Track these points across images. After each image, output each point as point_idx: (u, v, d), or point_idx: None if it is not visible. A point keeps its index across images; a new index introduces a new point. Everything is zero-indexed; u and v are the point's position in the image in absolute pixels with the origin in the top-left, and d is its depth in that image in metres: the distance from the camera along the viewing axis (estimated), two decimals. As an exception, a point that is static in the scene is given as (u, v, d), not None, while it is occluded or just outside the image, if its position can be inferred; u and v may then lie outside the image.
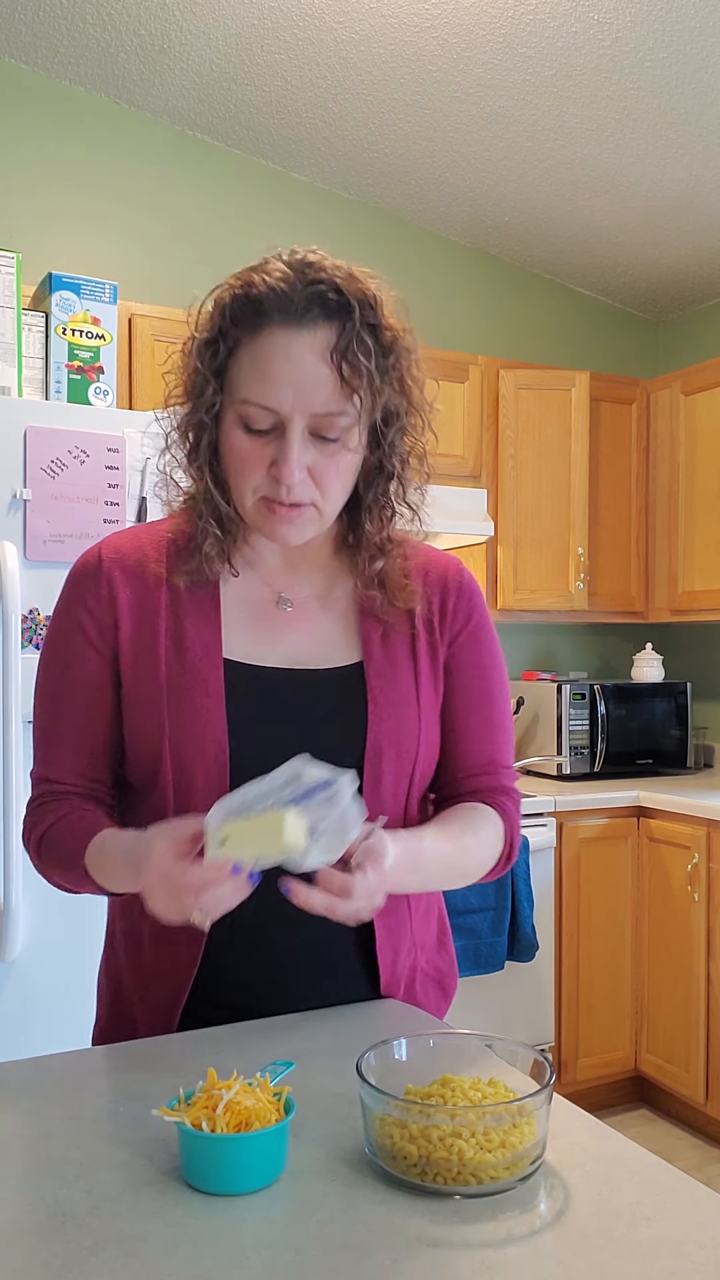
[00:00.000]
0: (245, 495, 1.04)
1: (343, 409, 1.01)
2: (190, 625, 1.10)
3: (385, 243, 3.54)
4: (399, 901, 1.14)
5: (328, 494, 1.04)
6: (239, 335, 1.02)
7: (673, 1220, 0.69)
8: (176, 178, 3.18)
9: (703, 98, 2.76)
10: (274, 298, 1.00)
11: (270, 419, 1.00)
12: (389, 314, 1.07)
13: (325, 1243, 0.66)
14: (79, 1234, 0.67)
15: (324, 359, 0.99)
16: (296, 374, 0.99)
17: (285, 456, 1.00)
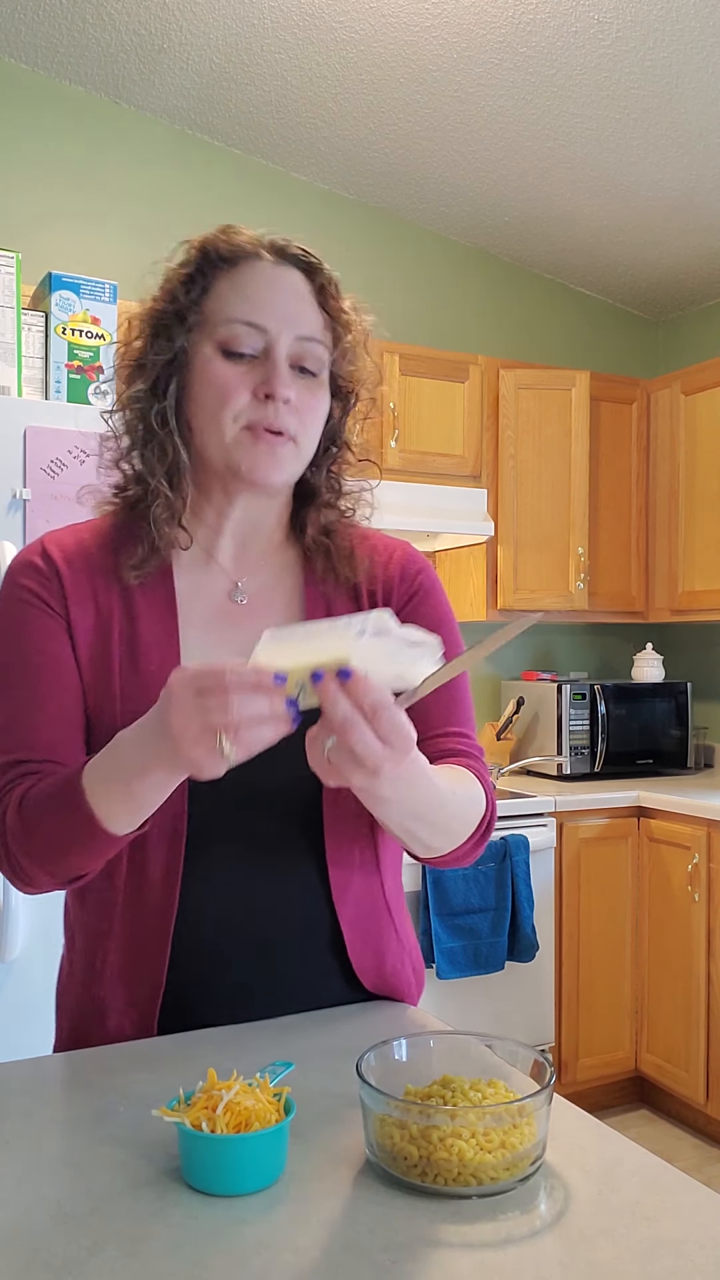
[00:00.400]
0: (225, 426, 1.02)
1: (321, 337, 1.04)
2: (145, 628, 1.05)
3: (385, 243, 3.54)
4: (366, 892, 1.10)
5: (307, 427, 1.04)
6: (219, 267, 1.04)
7: (673, 1220, 0.69)
8: (176, 178, 3.18)
9: (703, 97, 2.76)
10: (251, 244, 1.06)
11: (257, 340, 1.01)
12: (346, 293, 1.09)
13: (325, 1243, 0.66)
14: (79, 1234, 0.67)
15: (305, 286, 1.04)
16: (282, 295, 1.03)
17: (277, 371, 1.01)
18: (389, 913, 1.13)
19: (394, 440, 3.11)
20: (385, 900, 1.13)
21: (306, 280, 1.05)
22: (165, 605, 1.06)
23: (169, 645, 1.04)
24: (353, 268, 3.65)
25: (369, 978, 1.09)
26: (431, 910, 2.71)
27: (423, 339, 3.54)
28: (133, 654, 1.04)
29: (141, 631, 1.05)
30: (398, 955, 1.13)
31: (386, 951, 1.11)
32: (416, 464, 3.16)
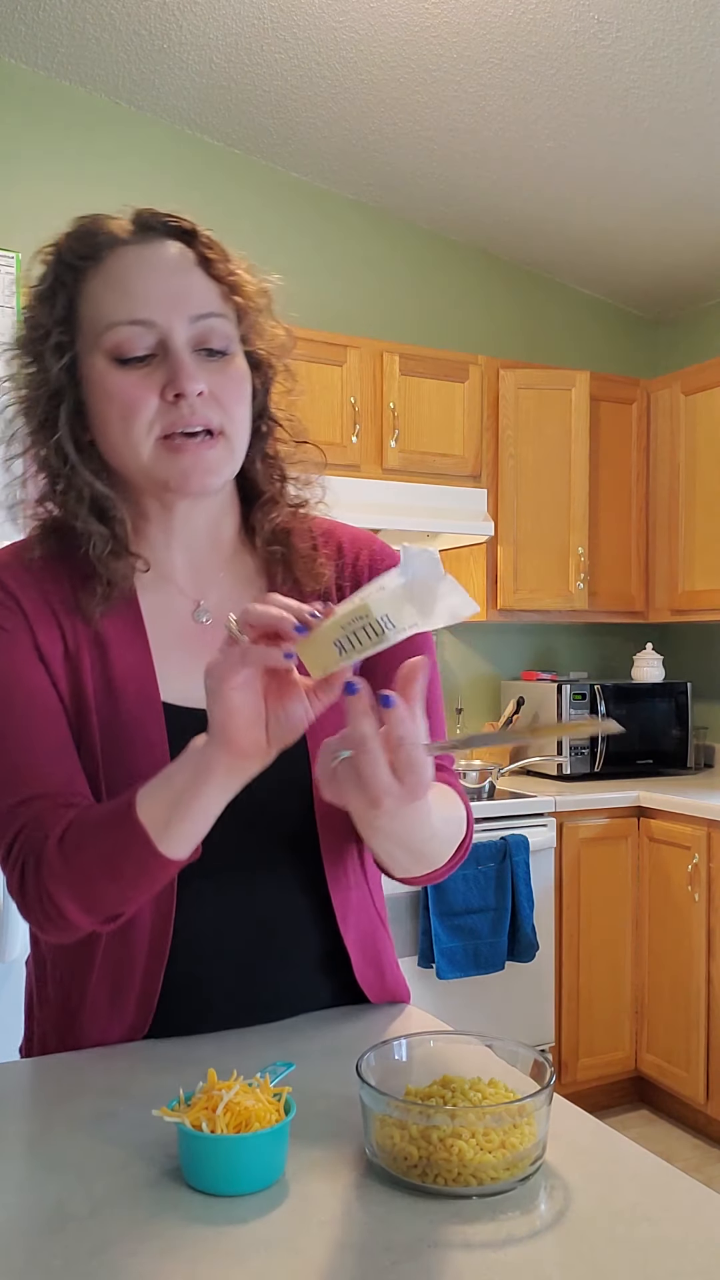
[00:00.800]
0: (140, 442, 0.91)
1: (221, 309, 0.93)
2: (117, 657, 0.96)
3: (386, 242, 3.54)
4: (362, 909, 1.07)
5: (233, 416, 0.93)
6: (83, 268, 0.92)
7: (673, 1221, 0.69)
8: (176, 178, 3.18)
9: (702, 97, 2.76)
10: (112, 228, 0.94)
11: (148, 338, 0.90)
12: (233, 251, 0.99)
13: (325, 1243, 0.66)
14: (79, 1235, 0.67)
15: (186, 257, 0.93)
16: (163, 278, 0.91)
17: (179, 366, 0.89)
18: (381, 921, 1.11)
19: (394, 440, 3.11)
20: (377, 910, 1.11)
21: (186, 249, 0.94)
22: (134, 630, 0.98)
23: (145, 675, 0.97)
24: (353, 268, 3.68)
25: (374, 992, 1.07)
26: (431, 910, 2.71)
27: (423, 339, 3.54)
28: (108, 686, 0.96)
29: (114, 660, 0.97)
30: (392, 960, 1.12)
31: (385, 963, 1.10)
32: (416, 464, 3.16)
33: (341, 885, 1.03)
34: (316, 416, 3.01)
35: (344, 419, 3.05)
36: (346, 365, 3.06)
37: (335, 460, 3.03)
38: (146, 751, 0.94)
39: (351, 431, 3.05)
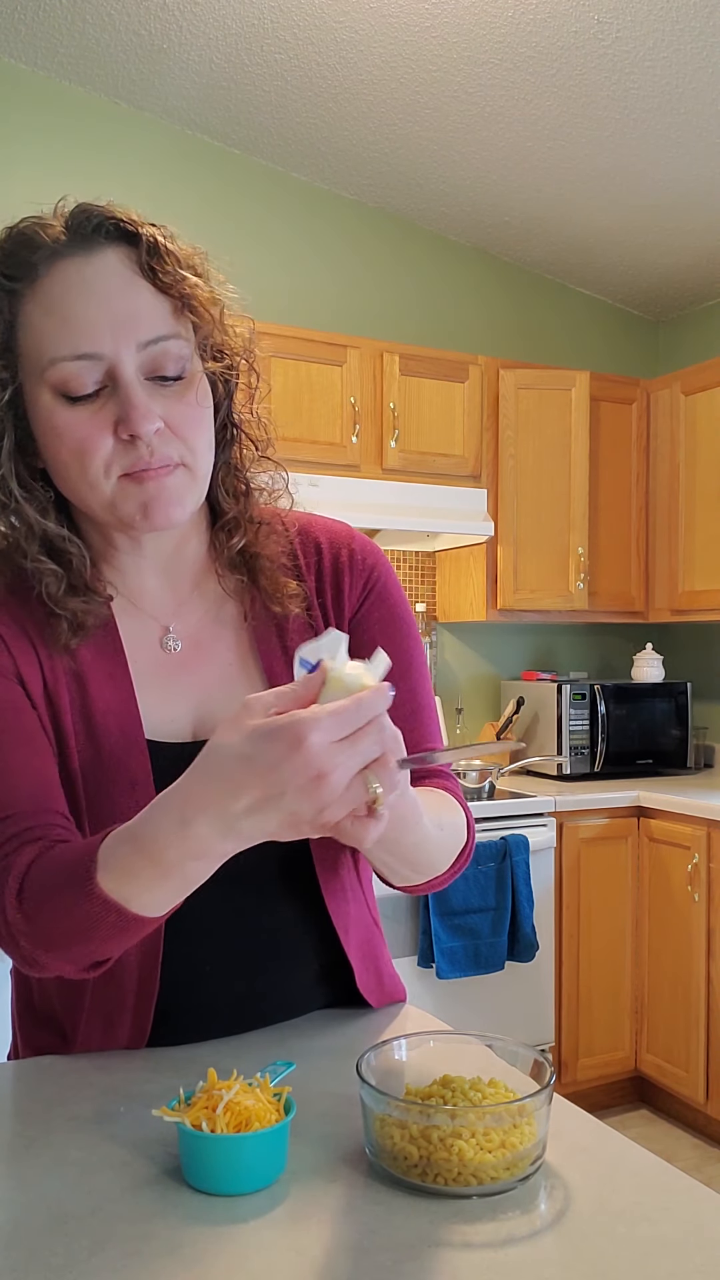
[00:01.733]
0: (98, 482, 0.84)
1: (173, 330, 0.84)
2: (98, 694, 0.91)
3: (386, 242, 3.54)
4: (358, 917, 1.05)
5: (194, 446, 0.86)
6: (17, 290, 0.84)
7: (673, 1220, 0.69)
8: (176, 178, 3.18)
9: (703, 97, 2.76)
10: (47, 236, 0.84)
11: (95, 372, 0.82)
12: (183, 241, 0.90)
13: (325, 1243, 0.66)
14: (79, 1234, 0.67)
15: (131, 271, 0.84)
16: (106, 302, 0.82)
17: (131, 403, 0.82)
18: (376, 925, 1.10)
19: (394, 440, 3.11)
20: (372, 916, 1.09)
21: (129, 258, 0.84)
22: (113, 661, 0.93)
23: (127, 711, 0.92)
24: (353, 268, 3.68)
25: (374, 997, 1.06)
26: (431, 910, 2.71)
27: (423, 339, 3.54)
28: (88, 722, 0.91)
29: (94, 695, 0.92)
30: (388, 961, 1.11)
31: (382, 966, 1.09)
32: (416, 464, 3.16)
33: (339, 898, 1.01)
34: (316, 416, 3.01)
35: (344, 419, 3.05)
36: (346, 365, 3.06)
37: (335, 460, 3.03)
38: (129, 791, 0.90)
39: (351, 431, 3.05)
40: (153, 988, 0.94)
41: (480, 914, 2.78)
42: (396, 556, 3.55)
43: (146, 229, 0.86)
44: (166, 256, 0.85)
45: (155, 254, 0.85)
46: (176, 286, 0.85)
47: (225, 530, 0.97)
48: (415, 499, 3.07)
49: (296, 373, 2.98)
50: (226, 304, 0.91)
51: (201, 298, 0.86)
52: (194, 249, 0.90)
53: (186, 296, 0.85)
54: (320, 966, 1.04)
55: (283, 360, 2.96)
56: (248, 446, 0.98)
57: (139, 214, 0.88)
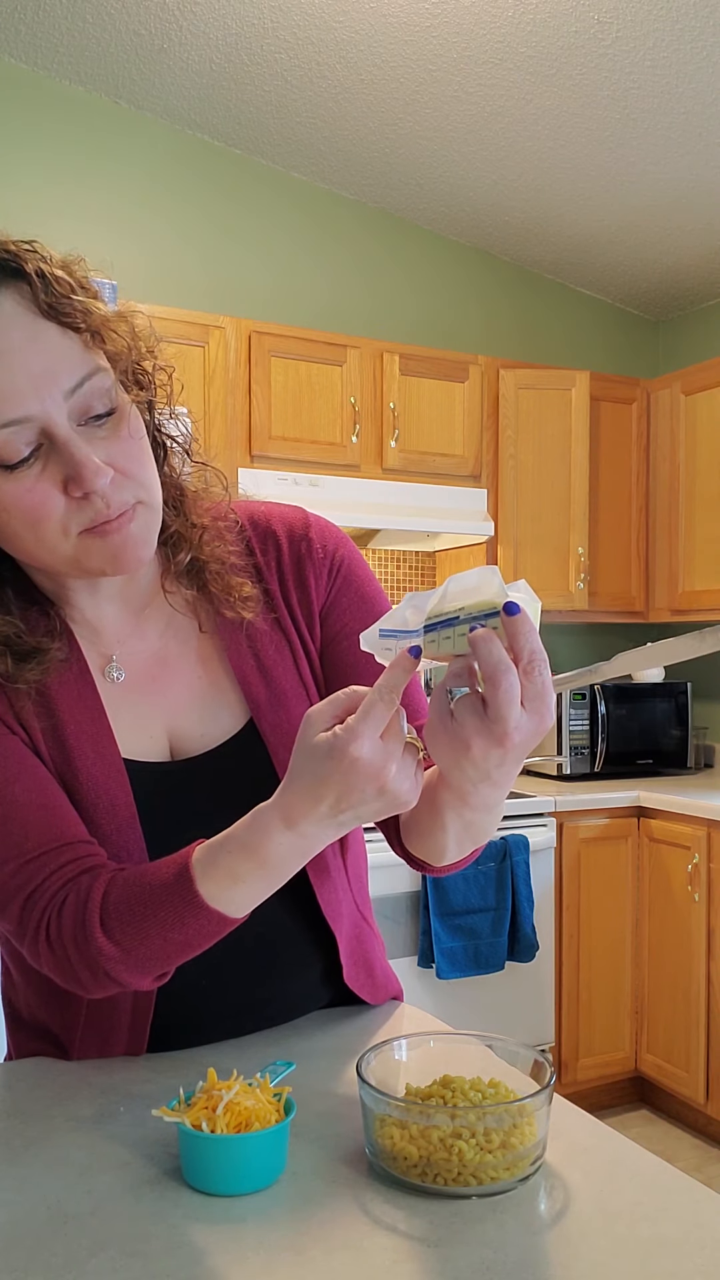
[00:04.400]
0: (59, 546, 0.81)
1: (91, 366, 0.79)
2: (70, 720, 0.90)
3: (385, 242, 3.54)
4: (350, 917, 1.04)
5: (145, 482, 0.83)
6: None
7: (673, 1220, 0.69)
8: (176, 177, 3.18)
9: (702, 97, 2.76)
10: None
11: (25, 434, 0.77)
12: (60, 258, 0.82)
13: (325, 1243, 0.66)
14: (79, 1234, 0.67)
15: (30, 313, 0.77)
16: (20, 358, 0.76)
17: (75, 461, 0.77)
18: (366, 921, 1.09)
19: (394, 440, 3.12)
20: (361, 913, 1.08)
21: (26, 299, 0.77)
22: (81, 685, 0.92)
23: (101, 734, 0.91)
24: (353, 268, 3.68)
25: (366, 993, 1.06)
26: (431, 910, 2.71)
27: (423, 339, 3.54)
28: (62, 747, 0.90)
29: (66, 721, 0.90)
30: (380, 957, 1.11)
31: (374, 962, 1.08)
32: (416, 464, 3.16)
33: (332, 900, 1.00)
34: (316, 416, 3.01)
35: (344, 419, 3.05)
36: (346, 365, 3.06)
37: (335, 460, 3.03)
38: (110, 814, 0.89)
39: (351, 431, 3.05)
40: (149, 1002, 0.94)
41: (480, 914, 2.78)
42: (396, 556, 3.55)
43: (32, 262, 0.78)
44: (60, 285, 0.78)
45: (49, 289, 0.77)
46: (77, 318, 0.78)
47: (170, 544, 0.93)
48: (415, 499, 3.07)
49: (296, 373, 2.98)
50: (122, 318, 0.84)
51: (109, 320, 0.81)
52: (70, 260, 0.83)
53: (94, 327, 0.79)
54: (318, 970, 1.03)
55: (283, 360, 2.96)
56: (176, 454, 0.94)
57: (15, 241, 0.80)
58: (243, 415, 2.91)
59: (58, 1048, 0.98)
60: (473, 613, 0.70)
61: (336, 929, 1.01)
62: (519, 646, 0.68)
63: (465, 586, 0.71)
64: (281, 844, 0.75)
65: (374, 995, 1.07)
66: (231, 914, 0.79)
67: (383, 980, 1.09)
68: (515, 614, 0.68)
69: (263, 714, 0.95)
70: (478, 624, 0.69)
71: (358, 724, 0.70)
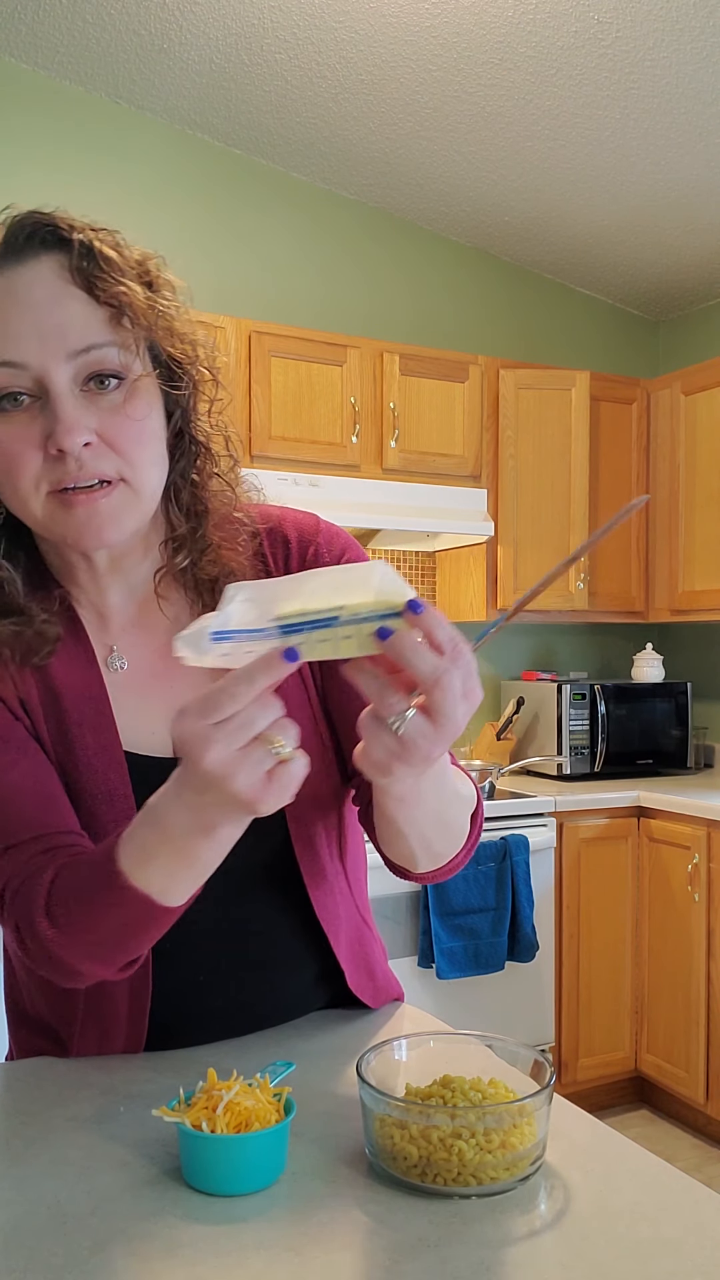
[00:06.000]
0: (28, 498, 0.81)
1: (107, 338, 0.80)
2: (72, 707, 0.90)
3: (385, 243, 3.54)
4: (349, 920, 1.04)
5: (134, 461, 0.82)
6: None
7: (673, 1220, 0.69)
8: (177, 178, 3.18)
9: (702, 97, 2.76)
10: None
11: (23, 380, 0.79)
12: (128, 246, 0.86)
13: (325, 1243, 0.66)
14: (80, 1234, 0.67)
15: (62, 280, 0.80)
16: (33, 312, 0.79)
17: (57, 416, 0.78)
18: (367, 925, 1.09)
19: (394, 440, 3.12)
20: (362, 916, 1.08)
21: (64, 267, 0.81)
22: (88, 674, 0.92)
23: (103, 723, 0.91)
24: (353, 268, 3.67)
25: (368, 997, 1.05)
26: (431, 910, 2.71)
27: (423, 339, 3.54)
28: (63, 735, 0.90)
29: (69, 708, 0.90)
30: (381, 960, 1.10)
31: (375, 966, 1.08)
32: (416, 464, 3.16)
33: (327, 901, 1.00)
34: (316, 416, 3.01)
35: (344, 419, 3.05)
36: (346, 365, 3.06)
37: (335, 460, 3.03)
38: (109, 804, 0.89)
39: (351, 431, 3.05)
40: (145, 998, 0.94)
41: (480, 914, 2.78)
42: (396, 556, 3.55)
43: (84, 235, 0.82)
44: (103, 263, 0.81)
45: (91, 258, 0.81)
46: (111, 293, 0.80)
47: (172, 546, 0.93)
48: (415, 499, 3.07)
49: (296, 373, 2.98)
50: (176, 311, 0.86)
51: (139, 305, 0.82)
52: (145, 255, 0.87)
53: (123, 304, 0.81)
54: (313, 971, 1.03)
55: (283, 360, 2.96)
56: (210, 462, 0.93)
57: (82, 220, 0.85)
58: (242, 415, 2.91)
59: (57, 1043, 0.98)
60: (359, 613, 0.64)
61: (332, 933, 1.00)
62: (440, 640, 0.65)
63: (340, 581, 0.65)
64: (177, 814, 0.72)
65: (375, 999, 1.07)
66: (157, 897, 0.76)
67: (384, 984, 1.09)
68: (422, 612, 0.64)
69: None
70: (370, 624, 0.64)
71: (212, 731, 0.65)
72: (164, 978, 0.94)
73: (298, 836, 0.96)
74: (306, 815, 0.96)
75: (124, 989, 0.94)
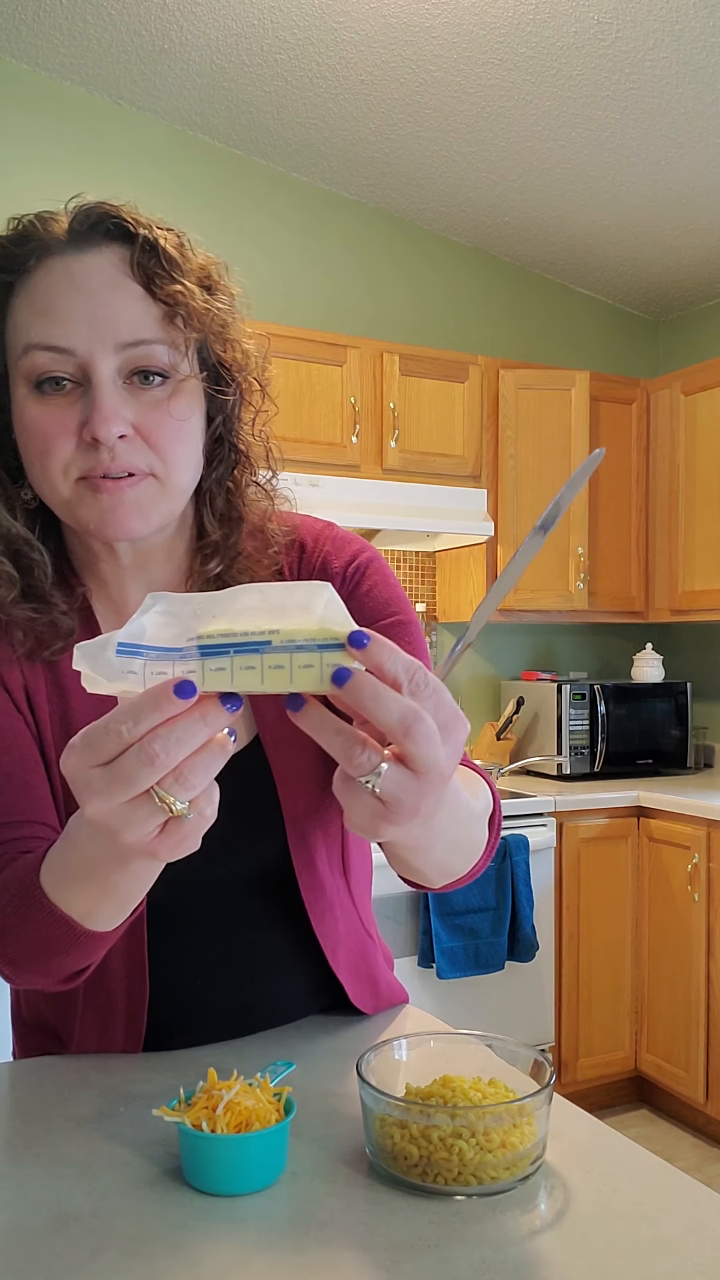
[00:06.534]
0: (56, 481, 0.81)
1: (158, 335, 0.81)
2: (79, 704, 0.89)
3: (386, 243, 3.54)
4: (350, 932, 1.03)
5: (167, 457, 0.82)
6: (10, 282, 0.82)
7: (673, 1220, 0.69)
8: (178, 178, 3.18)
9: (702, 98, 2.76)
10: (47, 231, 0.82)
11: (67, 365, 0.79)
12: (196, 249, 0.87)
13: (325, 1243, 0.66)
14: (80, 1234, 0.67)
15: (122, 272, 0.81)
16: (88, 299, 0.79)
17: (96, 404, 0.78)
18: (368, 935, 1.08)
19: (394, 440, 3.12)
20: (364, 927, 1.07)
21: (125, 260, 0.82)
22: None
23: None
24: (353, 268, 3.67)
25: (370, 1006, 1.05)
26: (431, 910, 2.71)
27: (423, 339, 3.54)
28: (67, 733, 0.89)
29: (74, 704, 0.90)
30: (384, 970, 1.10)
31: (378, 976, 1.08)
32: (416, 464, 3.16)
33: (326, 917, 0.99)
34: (316, 416, 3.01)
35: (344, 419, 3.05)
36: (346, 365, 3.06)
37: (335, 460, 3.03)
38: None
39: (351, 431, 3.05)
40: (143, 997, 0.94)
41: (480, 914, 2.78)
42: (396, 556, 3.55)
43: (149, 231, 0.83)
44: (165, 260, 0.82)
45: (153, 256, 0.82)
46: (168, 291, 0.81)
47: (203, 553, 0.92)
48: (415, 499, 3.07)
49: (296, 373, 2.98)
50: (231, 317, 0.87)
51: (195, 307, 0.82)
52: (209, 259, 0.87)
53: (179, 304, 0.81)
54: (309, 982, 1.03)
55: (283, 360, 2.96)
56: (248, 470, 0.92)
57: (149, 216, 0.85)
58: (243, 415, 2.91)
59: (57, 1041, 0.99)
60: (295, 640, 0.55)
61: (330, 949, 0.99)
62: (394, 674, 0.55)
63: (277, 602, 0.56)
64: (87, 841, 0.66)
65: (377, 1008, 1.06)
66: (79, 919, 0.73)
67: (386, 994, 1.08)
68: (366, 645, 0.54)
69: (267, 728, 0.94)
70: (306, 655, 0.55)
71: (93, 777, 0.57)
72: (162, 979, 0.95)
73: (297, 853, 0.95)
74: (306, 830, 0.95)
75: (122, 989, 0.94)
